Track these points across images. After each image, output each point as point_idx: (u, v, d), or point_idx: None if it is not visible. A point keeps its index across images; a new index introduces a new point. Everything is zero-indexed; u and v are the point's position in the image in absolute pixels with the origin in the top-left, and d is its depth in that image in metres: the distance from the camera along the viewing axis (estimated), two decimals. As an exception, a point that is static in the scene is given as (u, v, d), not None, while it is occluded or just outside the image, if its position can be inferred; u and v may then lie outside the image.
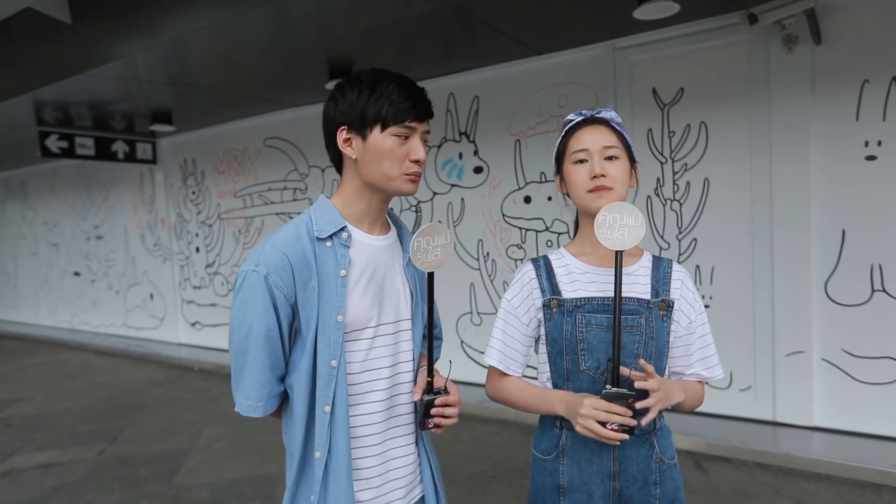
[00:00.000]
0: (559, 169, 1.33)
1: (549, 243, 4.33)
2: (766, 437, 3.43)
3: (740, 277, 3.63)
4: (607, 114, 1.29)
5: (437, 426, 1.24)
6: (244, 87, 4.87)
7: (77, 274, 8.62)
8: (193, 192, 6.80)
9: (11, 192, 9.63)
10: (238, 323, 1.16)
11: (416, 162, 1.20)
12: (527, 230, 4.44)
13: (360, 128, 1.19)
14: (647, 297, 1.25)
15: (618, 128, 1.28)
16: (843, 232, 3.33)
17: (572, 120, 1.32)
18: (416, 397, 1.24)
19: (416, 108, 1.19)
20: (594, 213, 1.20)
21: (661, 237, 3.87)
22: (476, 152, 4.63)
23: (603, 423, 1.11)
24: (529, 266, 1.33)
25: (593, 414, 1.11)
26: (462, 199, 4.73)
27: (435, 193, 4.86)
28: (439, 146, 4.80)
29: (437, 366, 1.30)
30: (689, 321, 1.28)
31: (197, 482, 3.41)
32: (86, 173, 8.10)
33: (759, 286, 3.56)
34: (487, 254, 4.66)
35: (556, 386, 1.29)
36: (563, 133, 1.32)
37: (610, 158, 1.23)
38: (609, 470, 1.24)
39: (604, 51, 3.96)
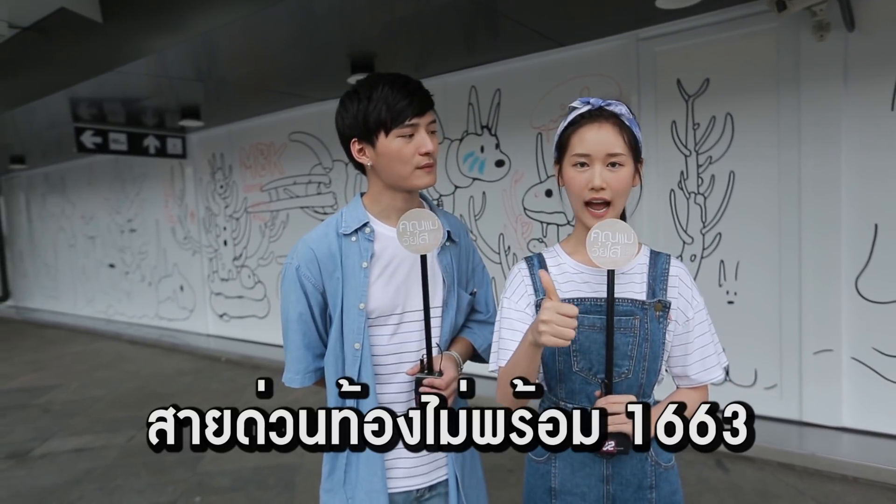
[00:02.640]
0: (559, 158, 1.23)
1: (571, 237, 4.28)
2: (791, 436, 3.35)
3: (766, 273, 3.54)
4: (617, 108, 1.17)
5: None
6: (270, 82, 4.94)
7: (112, 266, 8.90)
8: (221, 186, 6.94)
9: (52, 187, 9.98)
10: (282, 308, 1.35)
11: (427, 154, 1.26)
12: (548, 224, 4.40)
13: (368, 136, 1.27)
14: (643, 297, 1.20)
15: (627, 123, 1.17)
16: (876, 227, 3.21)
17: (577, 108, 1.20)
18: (410, 373, 1.32)
19: (413, 105, 1.23)
20: (587, 226, 1.17)
21: (685, 231, 3.80)
22: (498, 146, 4.61)
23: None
24: (523, 265, 1.29)
25: (556, 319, 1.02)
26: (483, 193, 4.72)
27: (457, 187, 4.86)
28: (461, 140, 4.80)
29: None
30: (687, 319, 1.22)
31: (220, 470, 3.50)
32: (120, 168, 8.35)
33: (785, 282, 3.46)
34: (509, 248, 4.64)
35: (548, 387, 1.28)
36: (567, 122, 1.21)
37: (613, 165, 1.15)
38: (602, 473, 1.22)
39: (627, 41, 3.89)
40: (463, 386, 1.21)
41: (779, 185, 3.44)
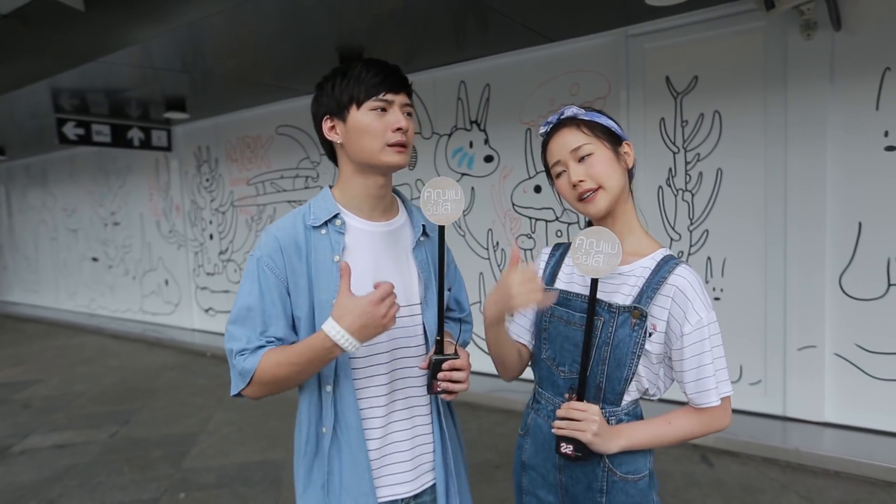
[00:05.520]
0: (551, 181, 1.31)
1: (559, 233, 4.29)
2: (775, 431, 3.39)
3: (752, 270, 3.57)
4: (569, 111, 1.25)
5: (445, 391, 1.22)
6: (257, 75, 4.88)
7: (95, 259, 8.77)
8: (207, 180, 6.86)
9: (32, 179, 9.80)
10: (235, 300, 1.26)
11: (399, 130, 1.22)
12: (536, 220, 4.40)
13: (339, 112, 1.24)
14: (624, 301, 1.18)
15: (586, 118, 1.22)
16: (860, 225, 3.25)
17: (543, 133, 1.31)
18: (423, 365, 1.25)
19: (388, 81, 1.22)
20: (593, 216, 1.23)
21: (673, 228, 3.82)
22: (487, 141, 4.60)
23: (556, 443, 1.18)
24: (548, 250, 1.39)
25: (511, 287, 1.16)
26: (472, 189, 4.71)
27: (445, 182, 4.84)
28: (450, 135, 4.78)
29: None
30: (682, 334, 1.15)
31: (205, 466, 3.47)
32: (103, 160, 8.21)
33: (771, 279, 3.50)
34: (497, 243, 4.64)
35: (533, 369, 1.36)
36: (542, 148, 1.32)
37: (584, 158, 1.20)
38: (555, 461, 1.26)
39: (616, 38, 3.89)
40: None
41: (765, 182, 3.47)
